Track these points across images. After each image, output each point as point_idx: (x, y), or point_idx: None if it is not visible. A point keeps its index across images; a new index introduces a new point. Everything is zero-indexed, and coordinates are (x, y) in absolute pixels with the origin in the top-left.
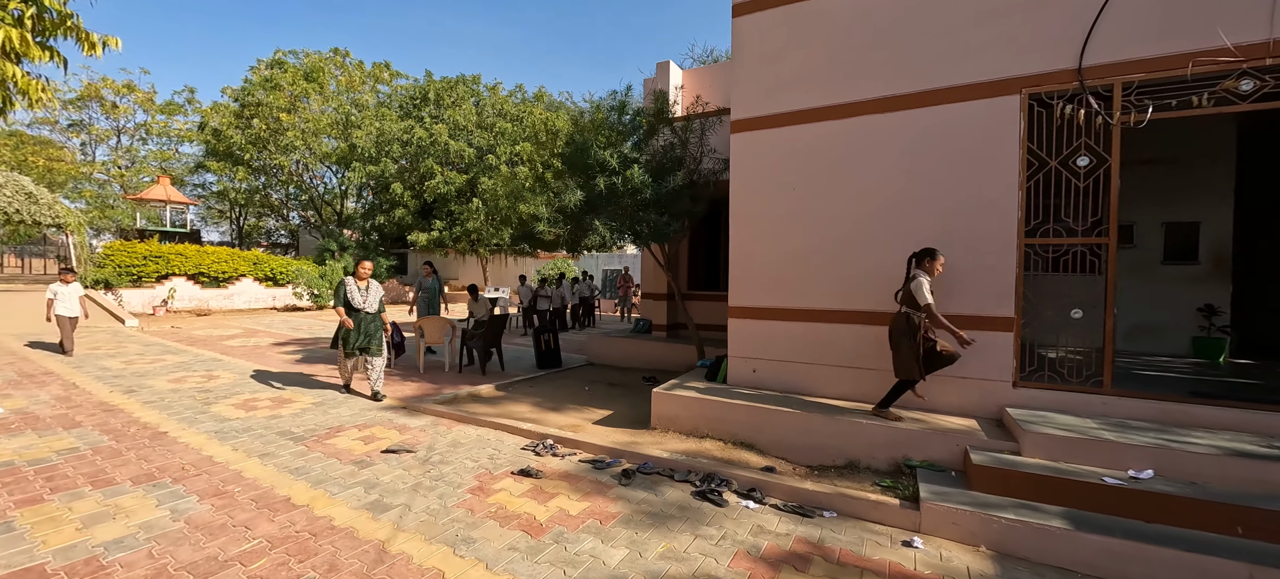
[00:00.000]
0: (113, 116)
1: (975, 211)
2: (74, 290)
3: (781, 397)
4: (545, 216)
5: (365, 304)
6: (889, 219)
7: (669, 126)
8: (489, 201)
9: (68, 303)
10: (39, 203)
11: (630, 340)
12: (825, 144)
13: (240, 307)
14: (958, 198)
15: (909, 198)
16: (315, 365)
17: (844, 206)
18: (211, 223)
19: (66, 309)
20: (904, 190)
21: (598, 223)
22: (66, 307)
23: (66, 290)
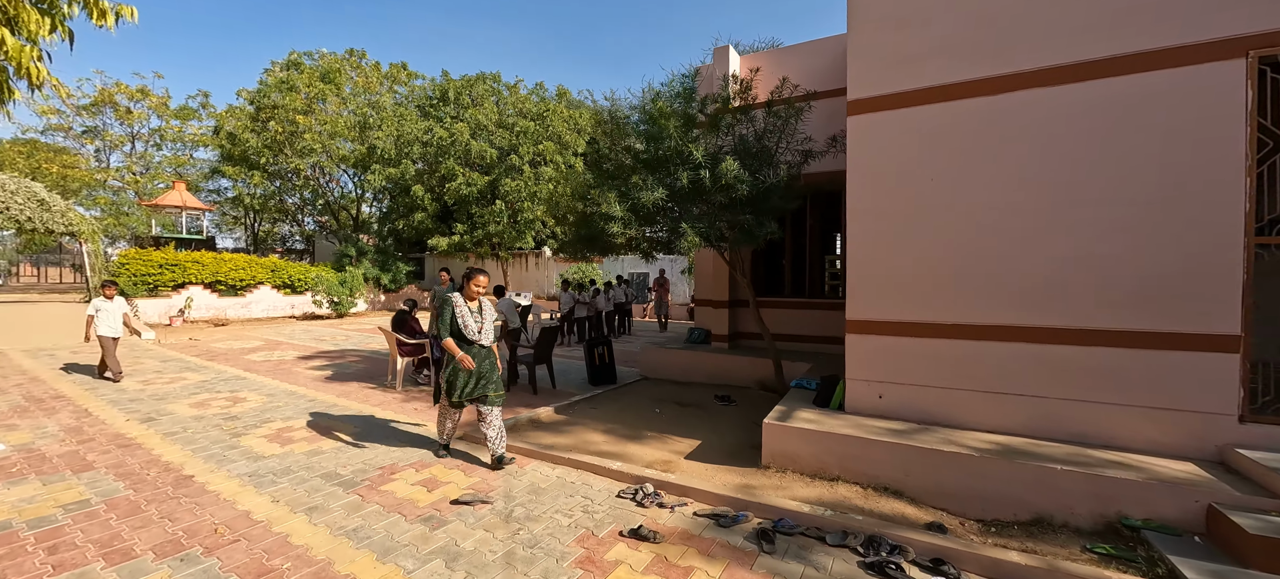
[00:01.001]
0: (126, 122)
1: (1180, 202)
2: (118, 306)
3: (921, 428)
4: (619, 216)
5: (480, 334)
6: (1055, 213)
7: (742, 115)
8: (547, 201)
9: (111, 321)
10: (52, 210)
11: (687, 352)
12: (972, 124)
13: (258, 315)
14: (1155, 186)
15: (1083, 187)
16: (347, 383)
17: (996, 199)
18: (226, 229)
19: (110, 328)
20: (1076, 178)
21: (686, 224)
22: (110, 325)
23: (109, 307)
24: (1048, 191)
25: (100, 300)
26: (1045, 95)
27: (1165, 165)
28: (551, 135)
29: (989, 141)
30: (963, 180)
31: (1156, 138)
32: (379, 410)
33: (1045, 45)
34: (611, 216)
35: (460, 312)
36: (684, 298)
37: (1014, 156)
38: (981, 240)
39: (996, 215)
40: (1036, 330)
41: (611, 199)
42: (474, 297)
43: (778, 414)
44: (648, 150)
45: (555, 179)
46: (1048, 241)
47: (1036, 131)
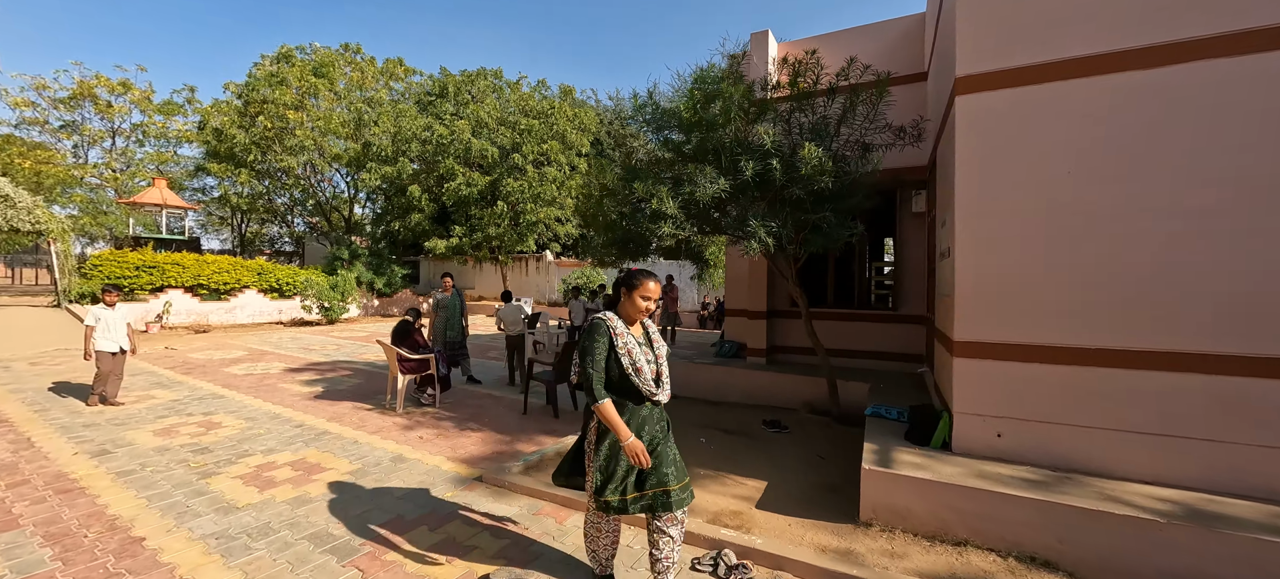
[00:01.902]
0: (107, 117)
1: None
2: (121, 316)
3: (1061, 478)
4: (672, 214)
5: (658, 383)
6: (1237, 215)
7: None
8: (578, 201)
9: (113, 333)
10: (16, 207)
11: (720, 368)
12: (1123, 105)
13: (243, 321)
14: None
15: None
16: (340, 403)
17: (1152, 198)
18: (212, 230)
19: (111, 342)
20: (1262, 168)
21: (755, 223)
22: (110, 338)
23: (111, 317)
24: (1227, 186)
25: (100, 309)
26: (1225, 69)
27: None
28: (556, 134)
29: (1146, 126)
30: (1112, 174)
31: None
32: (378, 438)
33: (1222, 8)
34: (663, 214)
35: (624, 344)
36: (693, 305)
37: (1179, 145)
38: (1137, 248)
39: (1154, 221)
40: (1208, 358)
41: (664, 194)
42: (640, 312)
43: (875, 457)
44: (692, 140)
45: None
46: (1222, 249)
47: (1216, 114)
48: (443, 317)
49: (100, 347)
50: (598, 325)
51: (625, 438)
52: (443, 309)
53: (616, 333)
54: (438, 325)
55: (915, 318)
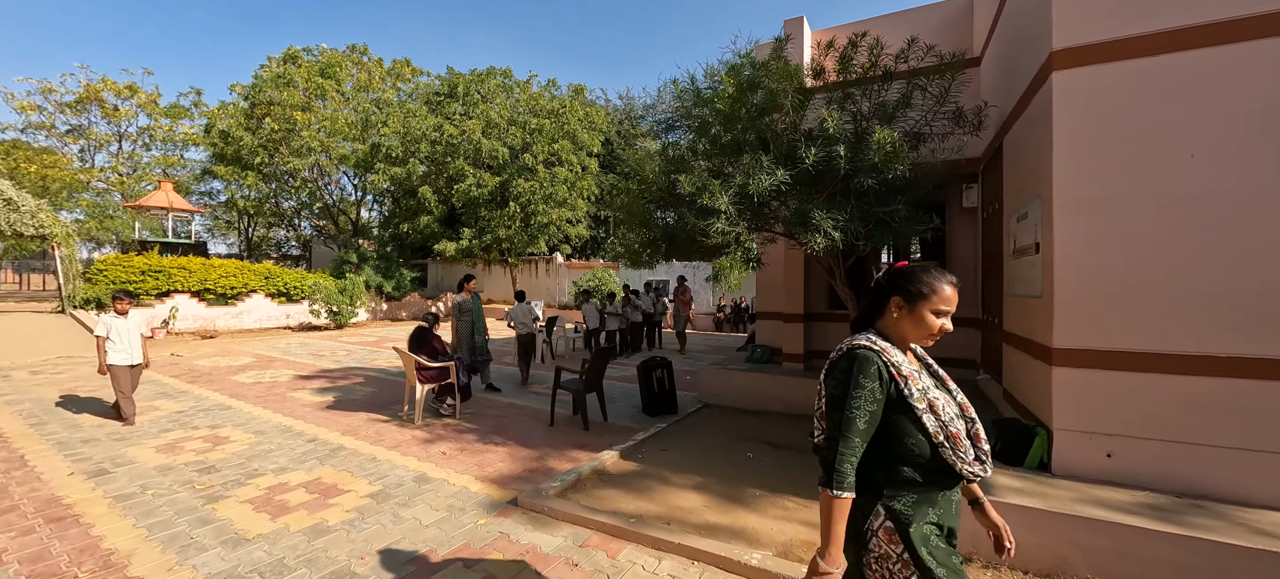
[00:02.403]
0: (113, 120)
1: None
2: (134, 324)
3: (1191, 506)
4: (724, 209)
5: (970, 454)
6: None
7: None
8: (619, 201)
9: (126, 345)
10: (20, 210)
11: (757, 374)
12: (1268, 76)
13: (250, 326)
14: None
15: None
16: (354, 413)
17: None
18: (218, 234)
19: (124, 355)
20: None
21: (820, 216)
22: (124, 351)
23: (123, 326)
24: None
25: (111, 317)
26: None
27: None
28: (567, 134)
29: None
30: (1249, 155)
31: None
32: (398, 454)
33: None
34: (714, 210)
35: (920, 391)
36: (708, 307)
37: None
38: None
39: None
40: None
41: (716, 188)
42: (924, 341)
43: None
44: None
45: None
46: None
47: None
48: (467, 321)
49: (113, 360)
50: (863, 360)
51: (836, 563)
52: (466, 313)
53: (895, 365)
54: (462, 330)
55: (965, 320)
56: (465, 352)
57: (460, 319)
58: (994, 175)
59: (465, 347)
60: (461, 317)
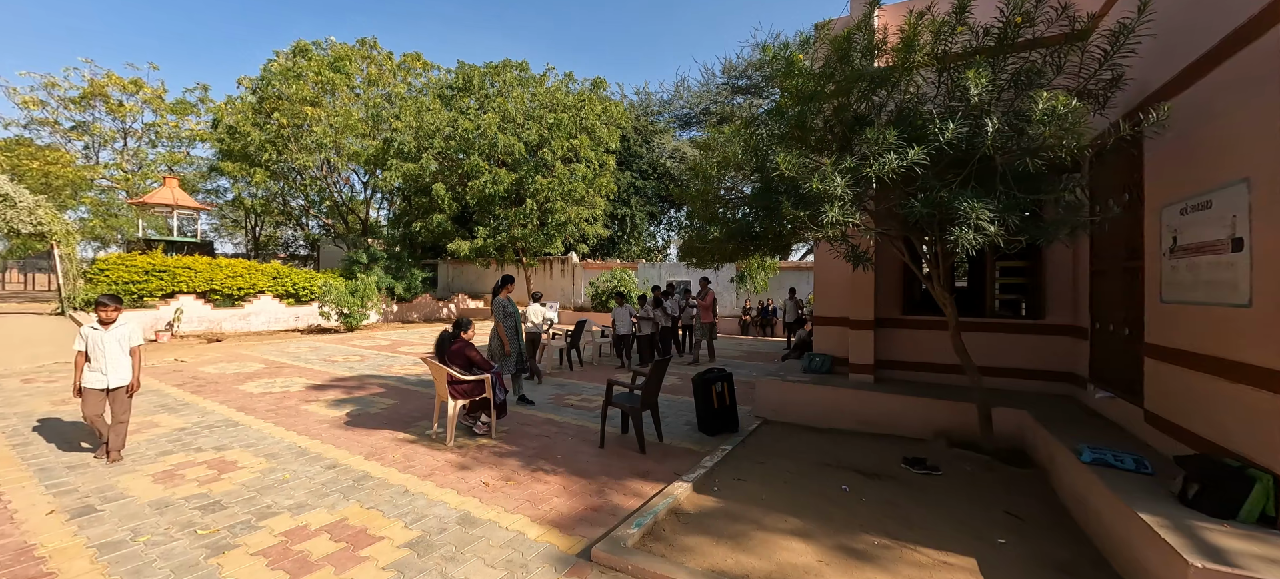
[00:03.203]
0: (118, 116)
1: None
2: (118, 337)
3: None
4: (839, 194)
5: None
6: None
7: (967, 62)
8: (692, 189)
9: (109, 362)
10: (16, 207)
11: (822, 388)
12: None
13: (258, 329)
14: None
15: None
16: (376, 431)
17: None
18: (225, 234)
19: (102, 376)
20: None
21: (967, 204)
22: (104, 370)
23: (103, 339)
24: None
25: (90, 327)
26: None
27: None
28: (585, 128)
29: None
30: None
31: None
32: (433, 485)
33: None
34: (826, 196)
35: None
36: (731, 310)
37: None
38: None
39: None
40: None
41: (828, 168)
42: None
43: (1184, 541)
44: (856, 98)
45: (704, 154)
46: None
47: None
48: (511, 326)
49: (90, 383)
50: None
51: None
52: (510, 317)
53: None
54: (510, 336)
55: (1063, 328)
56: (512, 361)
57: (505, 323)
58: (1110, 163)
59: (501, 355)
60: (506, 320)
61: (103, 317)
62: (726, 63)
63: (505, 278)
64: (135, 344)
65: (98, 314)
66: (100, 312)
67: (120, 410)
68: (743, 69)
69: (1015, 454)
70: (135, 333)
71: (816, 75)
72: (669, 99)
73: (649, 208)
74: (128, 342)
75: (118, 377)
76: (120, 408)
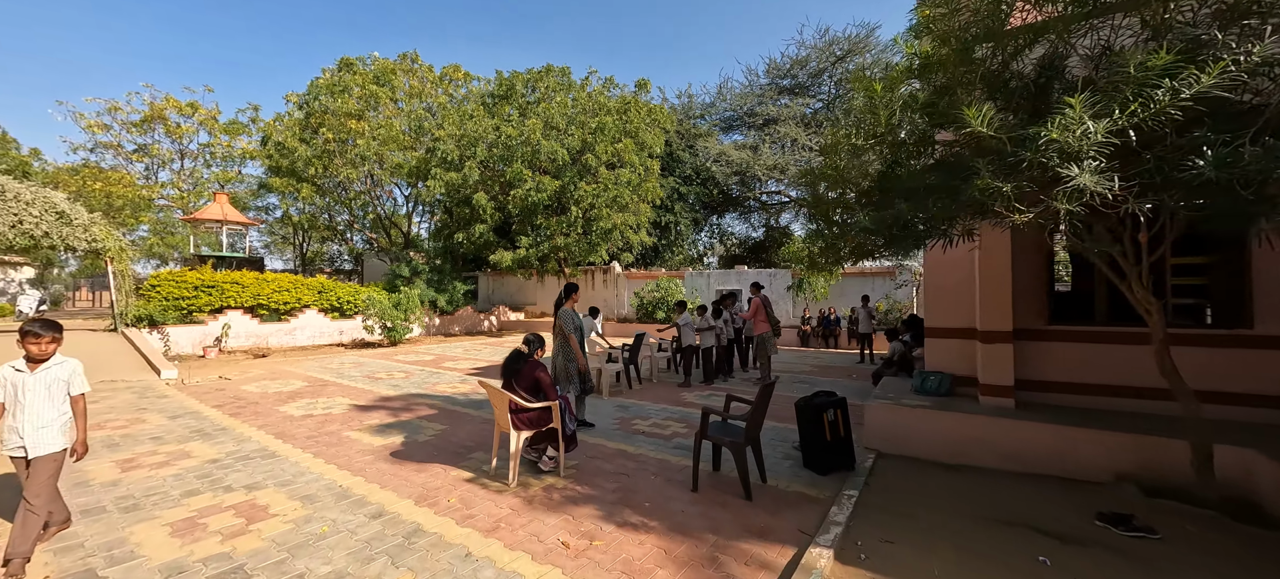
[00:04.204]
0: (175, 138)
1: None
2: (52, 381)
3: None
4: (1098, 143)
5: None
6: None
7: None
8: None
9: (29, 418)
10: (73, 224)
11: (940, 413)
12: None
13: (303, 343)
14: None
15: None
16: (427, 466)
17: None
18: (275, 250)
19: (18, 438)
20: None
21: None
22: (21, 430)
23: (25, 386)
24: None
25: (11, 368)
26: None
27: None
28: (629, 132)
29: None
30: None
31: None
32: (501, 545)
33: None
34: (1073, 152)
35: None
36: (787, 319)
37: None
38: None
39: None
40: None
41: (1074, 112)
42: None
43: None
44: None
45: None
46: None
47: None
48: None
49: (7, 447)
50: None
51: None
52: (578, 332)
53: None
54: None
55: (1265, 340)
56: (576, 382)
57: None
58: None
59: (567, 376)
60: (576, 334)
61: (31, 351)
62: (770, 62)
63: (570, 285)
64: (78, 391)
65: (25, 348)
66: (28, 344)
67: (37, 490)
68: (787, 68)
69: (1244, 507)
70: (77, 376)
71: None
72: (711, 101)
73: (693, 214)
74: (63, 388)
75: (41, 440)
76: (38, 486)
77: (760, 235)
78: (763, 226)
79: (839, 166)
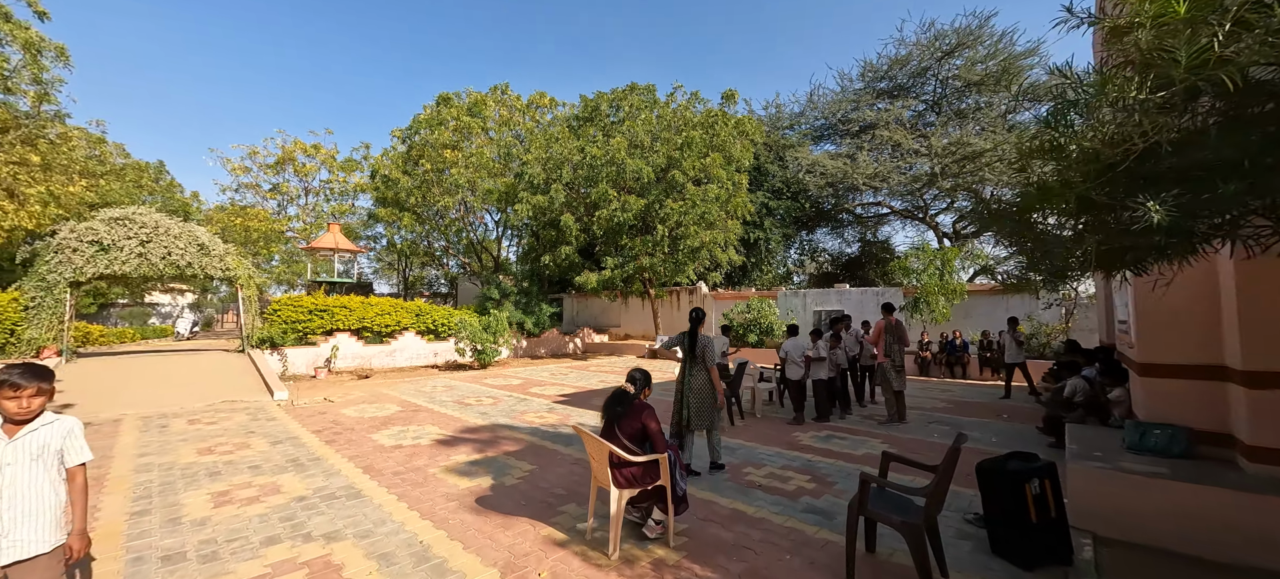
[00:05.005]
0: (301, 176)
1: None
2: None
3: None
4: None
5: None
6: None
7: None
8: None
9: (5, 504)
10: (211, 255)
11: (1178, 483)
12: None
13: (402, 364)
14: None
15: None
16: (514, 522)
17: None
18: (382, 275)
19: (15, 530)
20: None
21: None
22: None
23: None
24: None
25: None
26: None
27: None
28: (717, 146)
29: None
30: None
31: None
32: None
33: None
34: None
35: None
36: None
37: None
38: None
39: None
40: None
41: None
42: None
43: None
44: None
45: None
46: None
47: None
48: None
49: None
50: None
51: None
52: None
53: None
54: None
55: None
56: (714, 420)
57: (712, 373)
58: None
59: (707, 410)
60: (715, 367)
61: (8, 410)
62: (865, 64)
63: (699, 310)
64: (76, 461)
65: (1, 405)
66: (4, 400)
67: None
68: (885, 69)
69: None
70: (74, 440)
71: None
72: (800, 110)
73: (784, 229)
74: (55, 459)
75: (25, 536)
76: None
77: (855, 251)
78: (857, 241)
79: (1101, 134)
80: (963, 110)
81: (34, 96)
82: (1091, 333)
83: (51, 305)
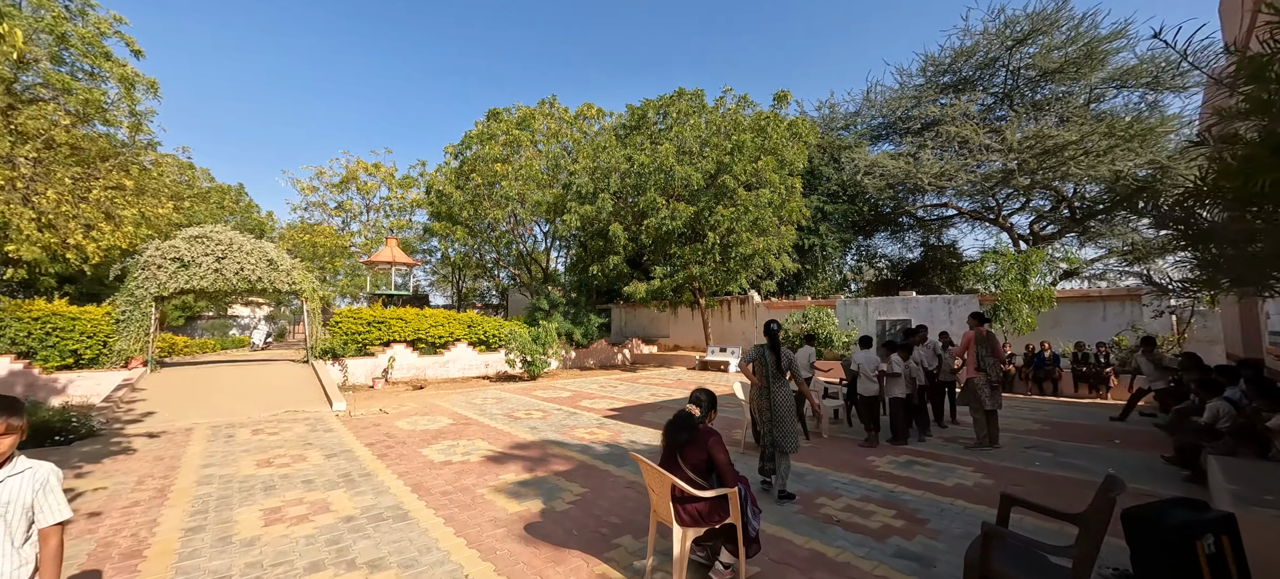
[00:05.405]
0: (363, 193)
1: None
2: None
3: None
4: None
5: None
6: None
7: None
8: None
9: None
10: (278, 270)
11: None
12: None
13: (454, 375)
14: None
15: None
16: (565, 553)
17: None
18: (437, 288)
19: None
20: None
21: None
22: None
23: None
24: None
25: None
26: None
27: None
28: (769, 149)
29: None
30: None
31: None
32: None
33: None
34: None
35: None
36: None
37: None
38: None
39: None
40: None
41: None
42: None
43: None
44: None
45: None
46: None
47: None
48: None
49: None
50: None
51: None
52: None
53: None
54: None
55: None
56: (791, 436)
57: (802, 387)
58: None
59: (790, 424)
60: (804, 382)
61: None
62: (927, 58)
63: (775, 322)
64: (51, 520)
65: None
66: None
67: None
68: (948, 62)
69: None
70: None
71: None
72: (856, 110)
73: (840, 234)
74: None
75: None
76: None
77: (917, 256)
78: (919, 246)
79: None
80: (1038, 101)
81: (129, 127)
82: (1212, 345)
83: (139, 318)
